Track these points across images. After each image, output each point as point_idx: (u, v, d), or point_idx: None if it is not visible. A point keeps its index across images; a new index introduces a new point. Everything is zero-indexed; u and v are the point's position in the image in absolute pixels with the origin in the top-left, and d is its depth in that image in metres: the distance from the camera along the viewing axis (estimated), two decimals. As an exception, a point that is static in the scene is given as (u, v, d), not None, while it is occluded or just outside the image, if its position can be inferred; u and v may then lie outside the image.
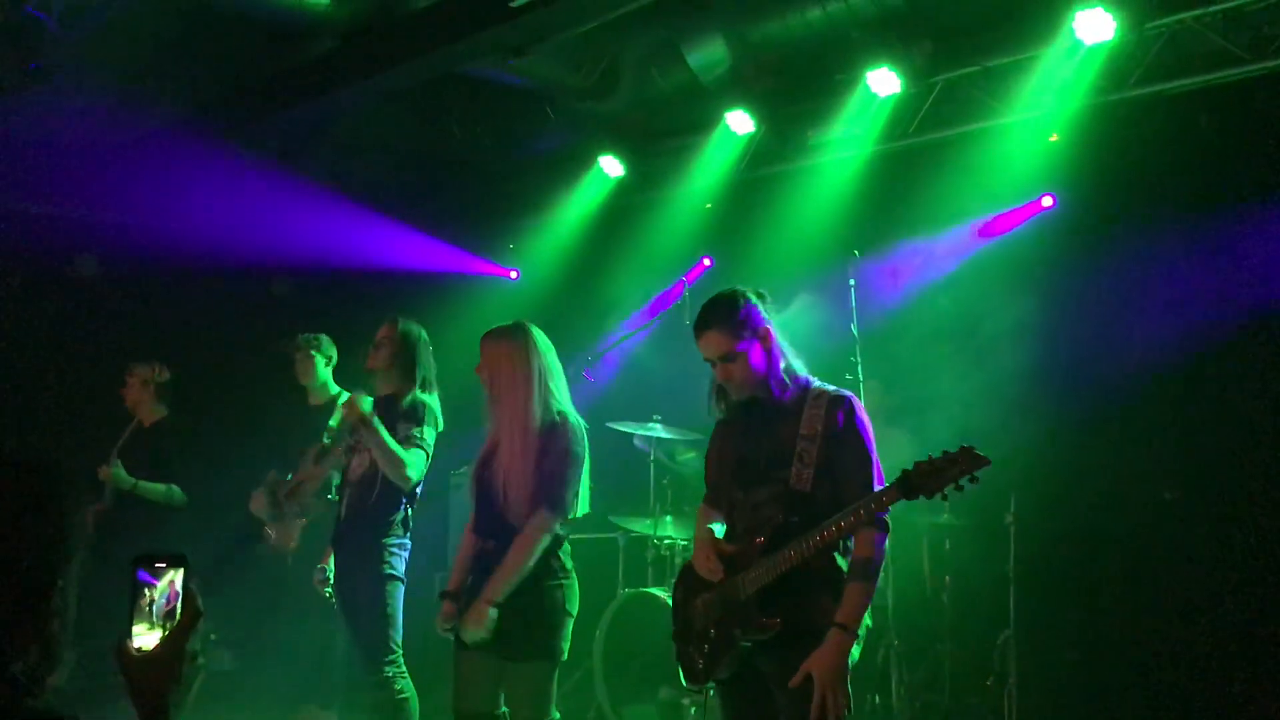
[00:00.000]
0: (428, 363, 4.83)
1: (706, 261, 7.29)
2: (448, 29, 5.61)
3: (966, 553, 5.79)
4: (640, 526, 6.15)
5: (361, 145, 7.56)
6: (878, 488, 3.10)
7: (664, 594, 5.54)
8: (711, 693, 3.45)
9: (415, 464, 4.56)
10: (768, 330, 3.29)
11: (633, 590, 5.81)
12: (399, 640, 4.67)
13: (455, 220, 8.05)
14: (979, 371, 5.69)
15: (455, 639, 4.02)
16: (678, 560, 5.84)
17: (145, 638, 1.74)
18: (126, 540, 6.04)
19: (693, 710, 5.22)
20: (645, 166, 7.30)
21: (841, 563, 3.18)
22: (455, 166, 7.85)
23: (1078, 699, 5.59)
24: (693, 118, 6.75)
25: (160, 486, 6.06)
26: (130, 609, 1.75)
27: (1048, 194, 5.93)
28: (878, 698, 5.56)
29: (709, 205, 7.11)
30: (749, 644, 3.18)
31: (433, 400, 4.77)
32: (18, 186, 7.08)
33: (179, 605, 1.75)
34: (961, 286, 6.12)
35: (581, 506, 4.03)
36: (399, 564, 4.72)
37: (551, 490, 3.85)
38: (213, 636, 7.12)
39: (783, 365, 3.30)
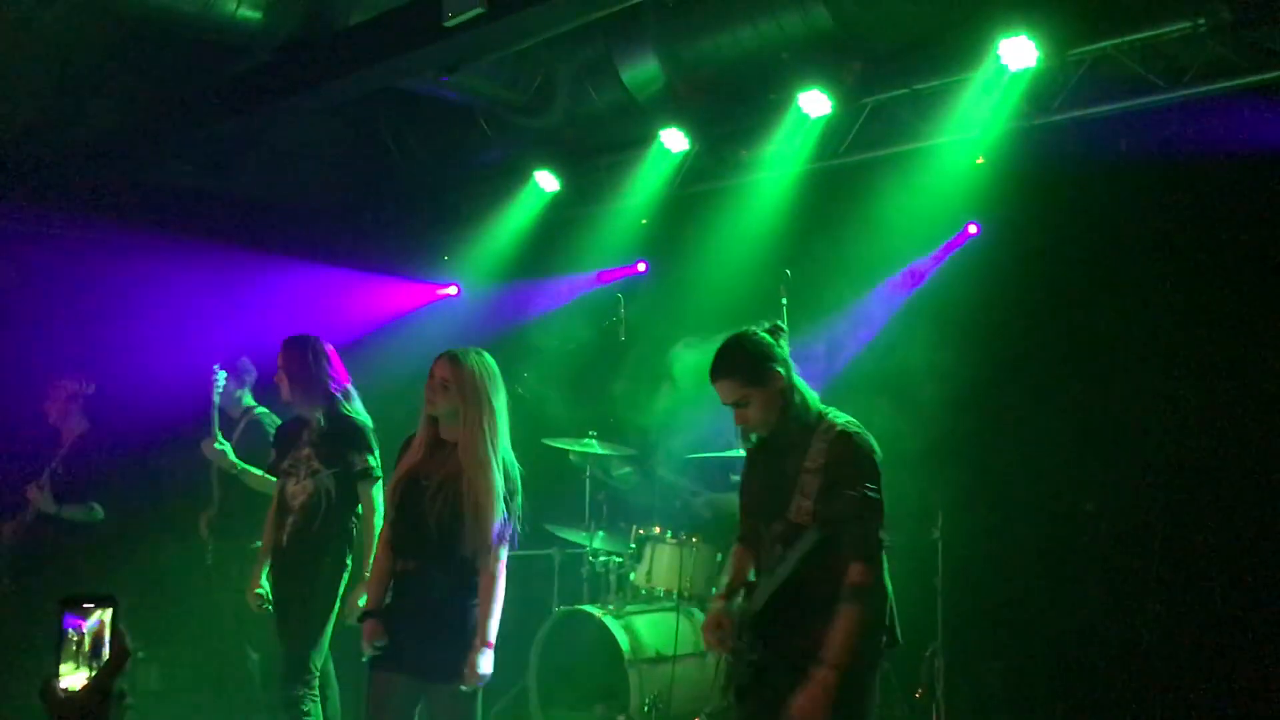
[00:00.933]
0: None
1: (641, 266, 7.35)
2: (381, 46, 5.59)
3: (895, 567, 5.86)
4: (576, 539, 6.17)
5: (294, 159, 7.49)
6: (869, 524, 3.26)
7: (599, 612, 5.57)
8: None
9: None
10: (778, 372, 3.34)
11: (567, 608, 5.82)
12: (319, 665, 4.66)
13: (390, 233, 8.01)
14: (902, 392, 5.80)
15: (369, 661, 4.00)
16: (612, 577, 5.87)
17: (72, 678, 1.72)
18: (52, 559, 5.96)
19: (626, 727, 5.25)
20: (581, 181, 7.34)
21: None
22: (390, 180, 7.82)
23: (1003, 709, 5.72)
24: (628, 134, 6.80)
25: (79, 509, 5.96)
26: (57, 649, 1.72)
27: (972, 222, 6.07)
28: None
29: (644, 221, 7.17)
30: (749, 663, 3.30)
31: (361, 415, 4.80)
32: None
33: (106, 645, 1.73)
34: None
35: None
36: (334, 591, 4.72)
37: (508, 529, 3.90)
38: (141, 654, 7.03)
39: (796, 400, 3.36)
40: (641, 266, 7.31)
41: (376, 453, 4.69)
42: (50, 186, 7.29)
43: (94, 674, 1.73)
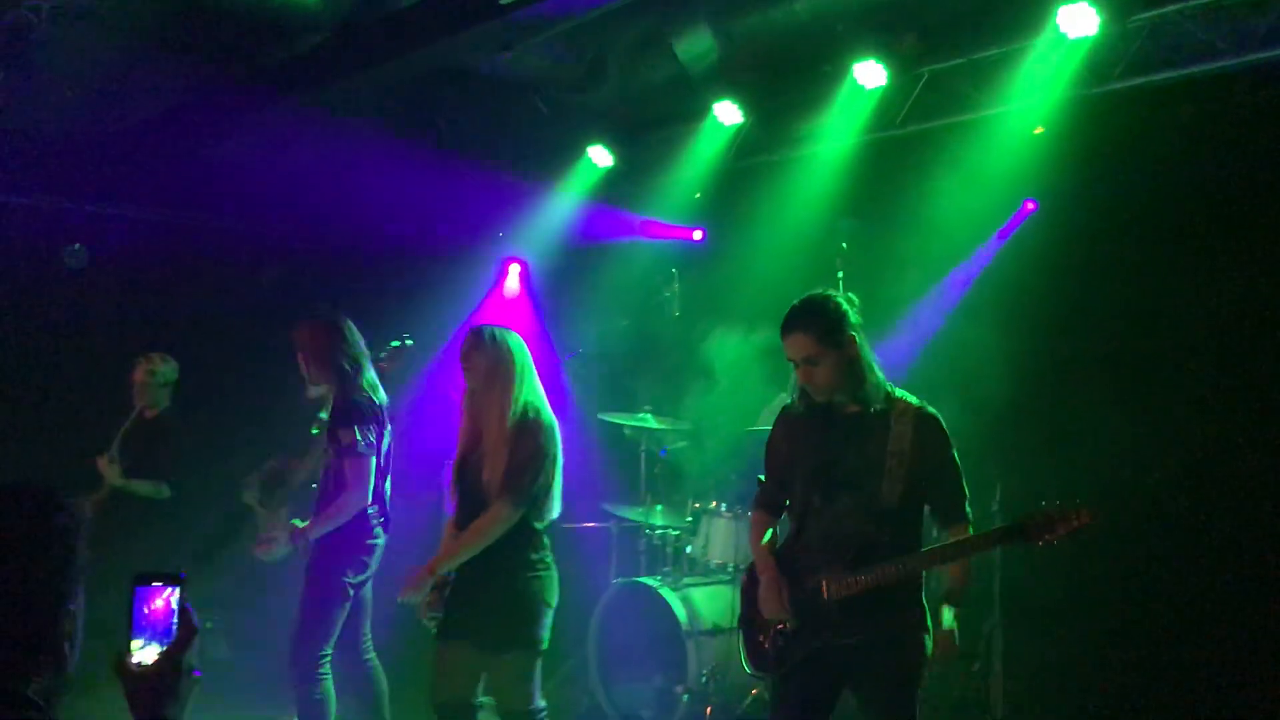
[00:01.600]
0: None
1: (697, 235, 7.33)
2: (437, 25, 5.62)
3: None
4: (632, 515, 6.22)
5: (349, 139, 7.56)
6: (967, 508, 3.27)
7: (655, 583, 5.62)
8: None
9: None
10: (853, 338, 3.32)
11: (625, 579, 5.88)
12: (331, 644, 4.76)
13: (445, 212, 8.07)
14: (959, 364, 5.76)
15: (436, 630, 4.10)
16: (669, 550, 5.92)
17: (143, 653, 1.81)
18: (120, 534, 6.12)
19: (685, 698, 5.31)
20: (635, 156, 7.33)
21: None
22: (445, 157, 7.86)
23: (1061, 683, 5.68)
24: (681, 108, 6.78)
25: (148, 484, 6.10)
26: (129, 625, 1.81)
27: (1030, 199, 5.98)
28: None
29: (698, 195, 7.16)
30: (824, 645, 3.29)
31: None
32: (6, 178, 7.09)
33: (175, 622, 1.81)
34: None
35: (553, 509, 4.11)
36: (359, 570, 4.81)
37: (514, 481, 3.94)
38: (208, 625, 7.20)
39: (869, 376, 3.34)
40: (698, 235, 7.28)
41: (370, 428, 4.68)
42: (110, 171, 7.44)
43: (164, 649, 1.81)
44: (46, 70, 6.17)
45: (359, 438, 4.63)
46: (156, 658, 1.79)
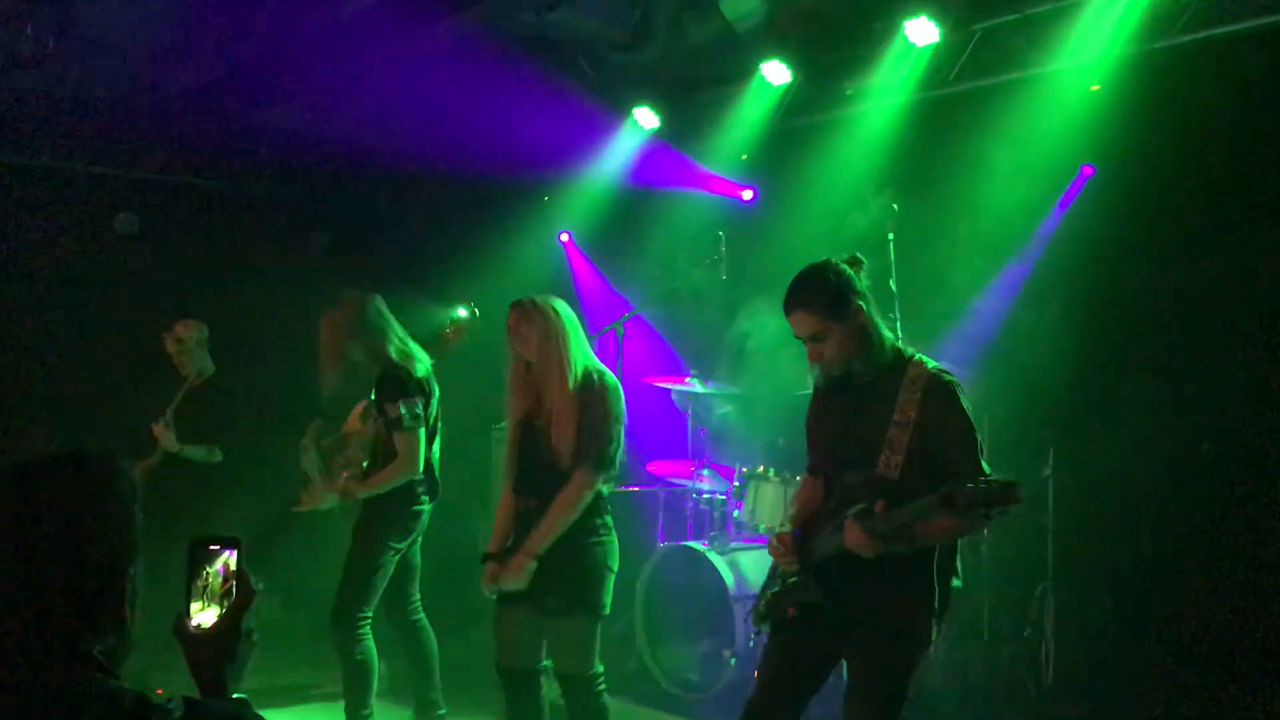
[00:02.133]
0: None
1: (747, 195, 7.23)
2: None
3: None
4: (679, 481, 6.21)
5: (390, 108, 7.55)
6: (987, 469, 3.10)
7: (702, 548, 5.61)
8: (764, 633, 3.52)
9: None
10: (859, 306, 3.20)
11: (672, 544, 5.88)
12: (372, 607, 4.89)
13: (489, 177, 8.06)
14: (1012, 325, 5.66)
15: (497, 598, 4.13)
16: (716, 515, 5.90)
17: (203, 615, 1.83)
18: (171, 499, 6.20)
19: (732, 662, 5.30)
20: (681, 118, 7.24)
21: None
22: (489, 121, 7.83)
23: (1113, 650, 5.62)
24: (728, 68, 6.69)
25: (201, 449, 6.18)
26: (188, 588, 1.84)
27: (1087, 165, 5.81)
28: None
29: (745, 156, 7.07)
30: (804, 604, 3.29)
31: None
32: (58, 145, 7.16)
33: (234, 585, 1.83)
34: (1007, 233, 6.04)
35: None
36: (403, 536, 4.91)
37: (594, 448, 3.94)
38: (261, 587, 7.30)
39: (875, 341, 3.23)
40: (748, 194, 7.18)
41: (415, 401, 4.76)
42: (160, 138, 7.50)
43: (223, 612, 1.82)
44: (97, 37, 6.21)
45: (404, 412, 4.71)
46: (215, 620, 1.81)
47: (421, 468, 4.83)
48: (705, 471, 6.09)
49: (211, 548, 1.86)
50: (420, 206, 8.56)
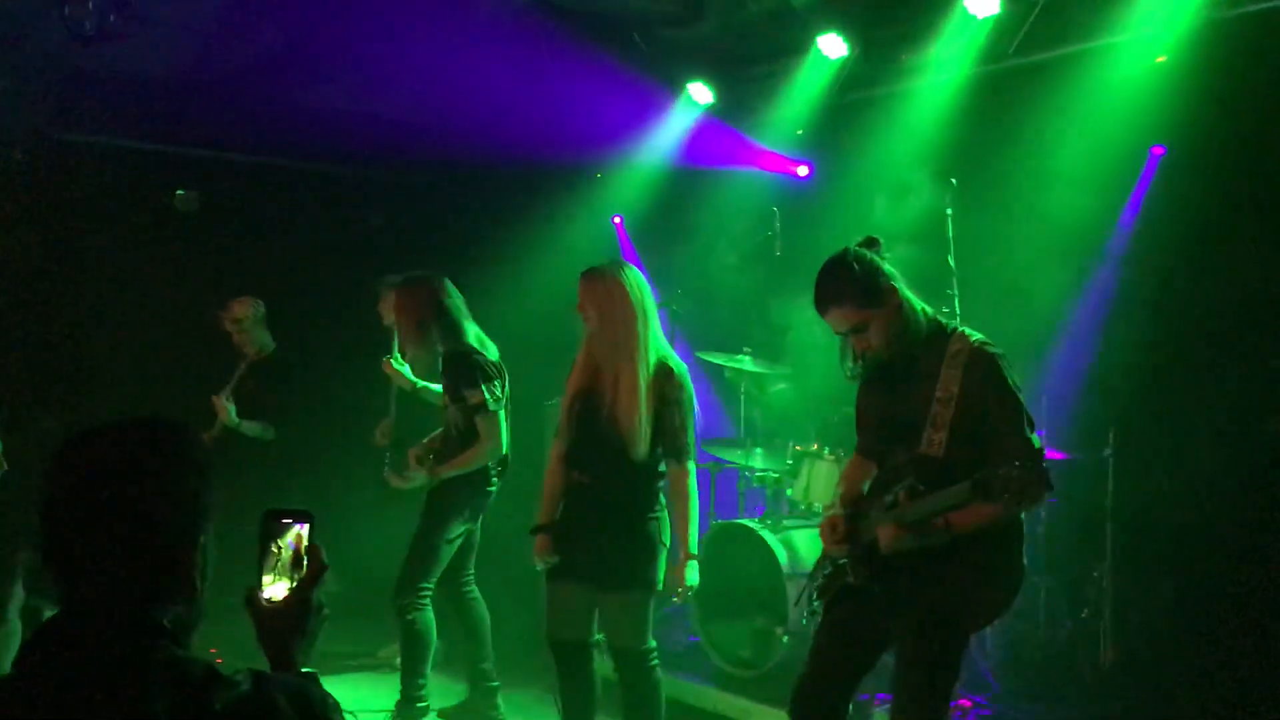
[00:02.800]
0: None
1: (802, 171, 7.16)
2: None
3: (1062, 486, 5.71)
4: (731, 458, 6.19)
5: (441, 86, 7.56)
6: (1036, 443, 3.05)
7: (755, 525, 5.59)
8: (818, 613, 3.49)
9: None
10: (891, 287, 3.16)
11: (724, 521, 5.86)
12: (435, 580, 5.00)
13: (542, 155, 8.04)
14: (1081, 305, 5.56)
15: (549, 572, 4.14)
16: (769, 492, 5.87)
17: (274, 589, 1.83)
18: (229, 473, 6.28)
19: (785, 639, 5.28)
20: (735, 93, 7.17)
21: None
22: (542, 100, 7.81)
23: (1173, 632, 5.52)
24: (783, 42, 6.60)
25: (257, 425, 6.26)
26: (260, 561, 1.84)
27: (1157, 146, 5.66)
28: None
29: (799, 131, 6.99)
30: (846, 585, 3.28)
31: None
32: (116, 124, 7.25)
33: (305, 558, 1.83)
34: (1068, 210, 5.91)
35: None
36: (474, 514, 5.06)
37: (683, 441, 4.02)
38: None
39: (914, 318, 3.18)
40: (803, 170, 7.11)
41: (495, 383, 4.85)
42: (219, 116, 7.55)
43: (294, 585, 1.83)
44: (156, 16, 6.27)
45: (488, 396, 4.77)
46: (286, 593, 1.81)
47: (504, 450, 4.94)
48: (758, 449, 6.06)
49: (284, 521, 1.86)
50: (471, 186, 8.57)
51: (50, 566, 1.51)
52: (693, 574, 4.07)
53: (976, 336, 3.20)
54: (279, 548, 1.85)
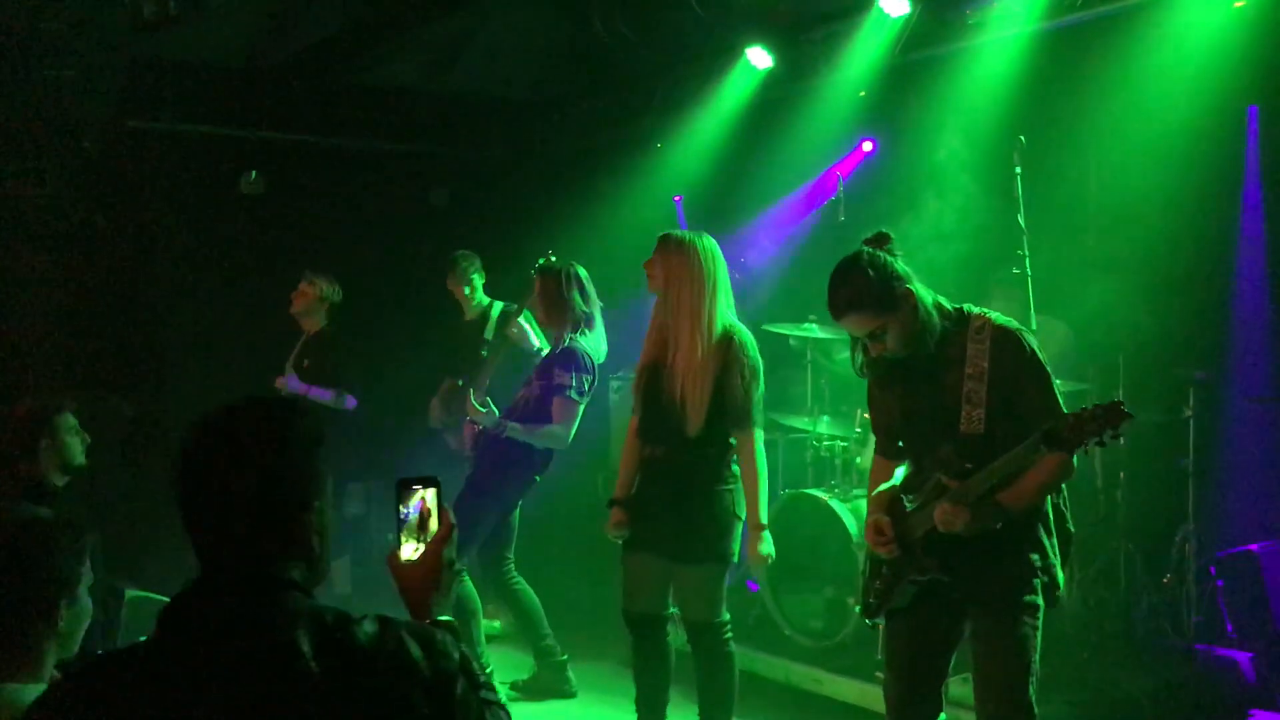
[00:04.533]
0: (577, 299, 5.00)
1: (867, 146, 7.03)
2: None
3: (1141, 447, 5.58)
4: (798, 426, 6.13)
5: (505, 50, 7.54)
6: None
7: (824, 495, 5.54)
8: (882, 624, 3.44)
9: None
10: (906, 290, 3.10)
11: (793, 491, 5.81)
12: (470, 552, 5.05)
13: (603, 124, 8.01)
14: (1150, 264, 5.40)
15: (624, 543, 4.14)
16: (837, 461, 5.81)
17: (407, 548, 1.98)
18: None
19: (857, 609, 5.23)
20: (794, 56, 7.04)
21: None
22: (603, 69, 7.77)
23: (1258, 599, 5.36)
24: (843, 2, 6.48)
25: (329, 394, 6.35)
26: (397, 524, 1.99)
27: (1251, 105, 5.44)
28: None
29: (862, 94, 6.85)
30: (918, 583, 3.20)
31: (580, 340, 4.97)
32: (178, 109, 7.34)
33: (433, 520, 1.99)
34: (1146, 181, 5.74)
35: None
36: (515, 492, 5.15)
37: (751, 410, 3.97)
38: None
39: (931, 315, 3.13)
40: (868, 146, 6.97)
41: (585, 378, 4.87)
42: (283, 99, 7.63)
43: (425, 546, 1.97)
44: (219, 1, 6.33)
45: (574, 383, 4.79)
46: (421, 553, 1.96)
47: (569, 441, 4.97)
48: (825, 417, 5.99)
49: (414, 487, 2.01)
50: (532, 160, 8.57)
51: (188, 531, 1.70)
52: (767, 545, 4.04)
53: (997, 316, 3.17)
54: (410, 512, 2.00)
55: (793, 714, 5.26)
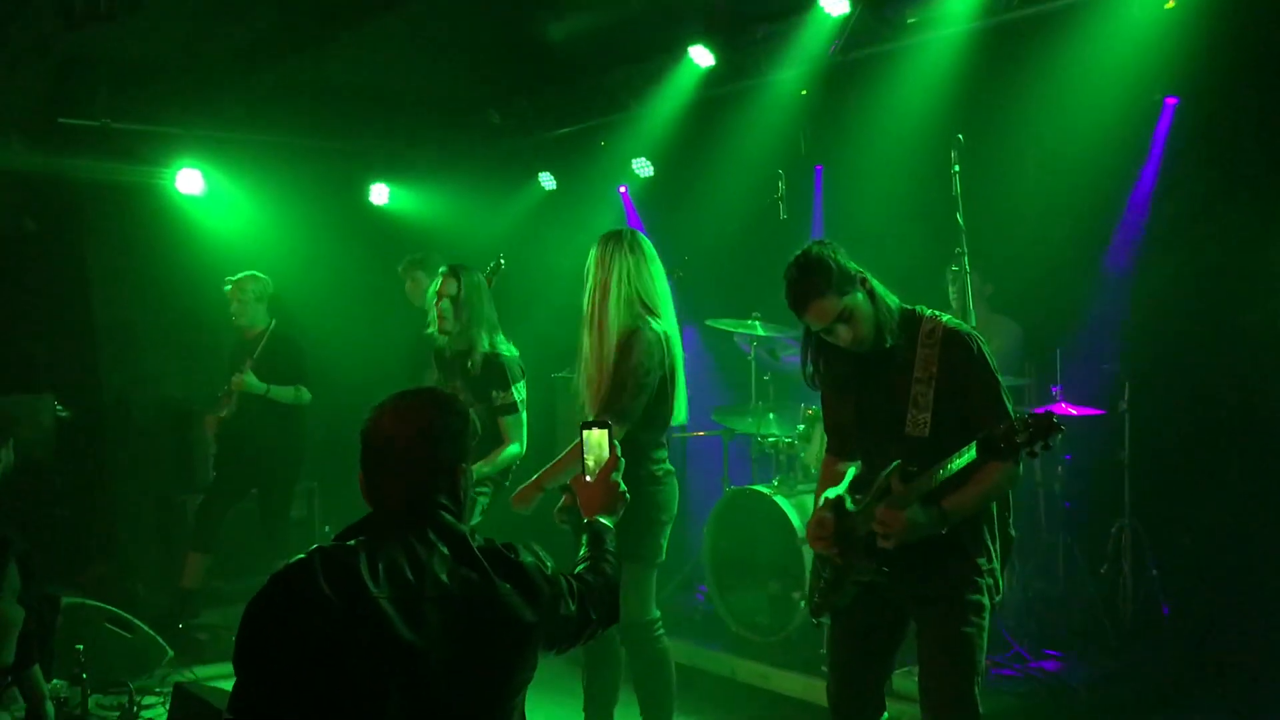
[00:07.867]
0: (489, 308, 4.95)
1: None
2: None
3: (1079, 442, 5.68)
4: (743, 425, 6.15)
5: (443, 47, 7.46)
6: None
7: (768, 490, 5.56)
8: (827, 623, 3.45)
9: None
10: (865, 276, 3.14)
11: (737, 488, 5.83)
12: None
13: (544, 119, 7.96)
14: (1090, 258, 5.49)
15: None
16: (781, 457, 5.84)
17: (590, 473, 2.82)
18: (258, 442, 6.32)
19: (801, 604, 5.26)
20: (737, 55, 7.04)
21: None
22: (543, 67, 7.72)
23: (1194, 587, 5.49)
24: (785, 1, 6.49)
25: (289, 389, 6.32)
26: (581, 456, 2.83)
27: (1169, 96, 5.55)
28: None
29: (804, 92, 6.88)
30: (860, 582, 3.21)
31: (507, 348, 4.92)
32: (116, 106, 7.20)
33: (605, 452, 2.85)
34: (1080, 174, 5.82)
35: (677, 415, 4.10)
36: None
37: (615, 400, 3.90)
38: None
39: (887, 303, 3.16)
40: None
41: (521, 384, 4.90)
42: (216, 94, 7.50)
43: (593, 474, 2.86)
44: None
45: (515, 396, 4.91)
46: (597, 475, 2.81)
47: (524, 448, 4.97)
48: (770, 414, 6.02)
49: (592, 428, 2.83)
50: (473, 157, 8.51)
51: (366, 481, 2.31)
52: (525, 501, 4.10)
53: (949, 318, 3.19)
54: (590, 447, 2.81)
55: (739, 709, 5.28)
